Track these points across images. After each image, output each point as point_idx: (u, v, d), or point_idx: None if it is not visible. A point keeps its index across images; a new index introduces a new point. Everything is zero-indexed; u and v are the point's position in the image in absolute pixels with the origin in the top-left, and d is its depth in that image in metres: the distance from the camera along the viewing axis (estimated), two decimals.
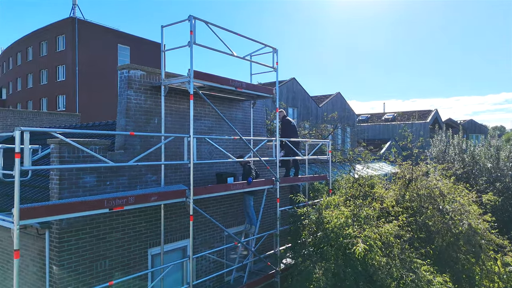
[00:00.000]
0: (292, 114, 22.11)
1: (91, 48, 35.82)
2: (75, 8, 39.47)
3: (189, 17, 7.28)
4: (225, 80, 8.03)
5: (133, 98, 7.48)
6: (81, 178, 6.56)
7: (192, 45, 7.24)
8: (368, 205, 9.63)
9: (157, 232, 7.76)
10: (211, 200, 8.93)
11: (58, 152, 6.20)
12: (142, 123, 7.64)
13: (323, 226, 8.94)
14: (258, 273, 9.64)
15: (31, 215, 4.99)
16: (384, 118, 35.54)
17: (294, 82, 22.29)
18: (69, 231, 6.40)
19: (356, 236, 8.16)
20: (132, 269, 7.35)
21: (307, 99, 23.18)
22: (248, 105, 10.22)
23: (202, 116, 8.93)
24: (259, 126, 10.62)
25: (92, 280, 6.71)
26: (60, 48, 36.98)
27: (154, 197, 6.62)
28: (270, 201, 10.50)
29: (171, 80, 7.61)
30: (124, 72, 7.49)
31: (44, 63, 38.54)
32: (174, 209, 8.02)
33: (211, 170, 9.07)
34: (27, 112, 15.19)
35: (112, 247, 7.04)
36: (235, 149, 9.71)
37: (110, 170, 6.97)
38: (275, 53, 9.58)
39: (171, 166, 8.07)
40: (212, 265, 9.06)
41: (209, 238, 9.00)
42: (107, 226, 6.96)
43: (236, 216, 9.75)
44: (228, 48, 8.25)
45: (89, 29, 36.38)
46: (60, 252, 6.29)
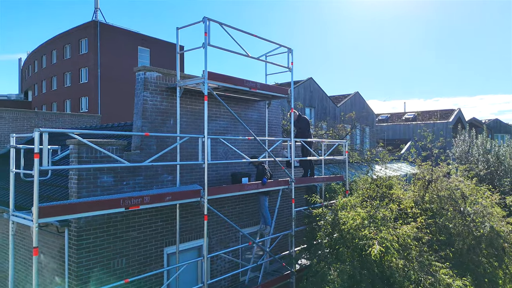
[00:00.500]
0: (309, 114, 21.98)
1: (112, 51, 36.63)
2: (97, 12, 40.46)
3: (203, 18, 7.35)
4: (239, 81, 8.07)
5: (149, 99, 7.61)
6: (99, 178, 6.72)
7: (206, 46, 7.31)
8: (385, 206, 9.48)
9: (173, 231, 7.87)
10: (226, 200, 8.99)
11: (77, 152, 6.38)
12: (158, 124, 7.76)
13: (339, 227, 8.86)
14: (273, 273, 9.63)
15: (50, 214, 5.15)
16: (405, 118, 34.86)
17: (311, 81, 22.15)
18: (87, 230, 6.56)
19: (372, 238, 8.05)
20: (148, 267, 7.48)
21: (325, 98, 23.00)
22: (263, 105, 10.23)
23: (217, 116, 9.00)
24: (274, 126, 10.61)
25: (110, 277, 6.87)
26: (83, 51, 37.96)
27: (169, 196, 6.71)
28: (285, 201, 10.47)
29: (186, 81, 7.70)
30: (140, 74, 7.64)
31: (67, 65, 39.65)
32: (189, 208, 8.11)
33: (227, 170, 9.12)
34: (51, 113, 15.67)
35: (129, 246, 7.18)
36: (250, 149, 9.73)
37: (127, 170, 7.11)
38: (290, 53, 9.55)
39: (187, 166, 8.16)
40: (227, 264, 9.12)
41: (224, 238, 9.05)
42: (124, 225, 7.11)
43: (252, 216, 9.78)
44: (243, 49, 8.28)
45: (110, 32, 37.22)
46: (79, 250, 6.46)
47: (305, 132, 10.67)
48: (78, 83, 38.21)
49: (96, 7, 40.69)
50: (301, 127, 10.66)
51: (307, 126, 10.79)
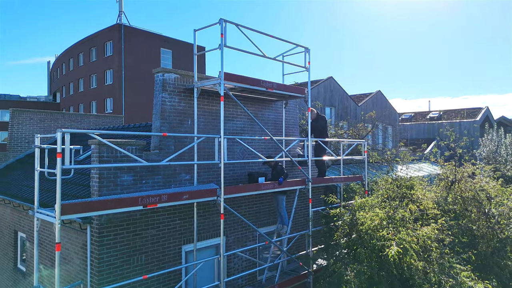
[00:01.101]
0: (329, 114, 21.82)
1: (135, 53, 37.49)
2: (121, 15, 41.49)
3: (219, 20, 7.46)
4: (255, 81, 8.13)
5: (167, 100, 7.79)
6: (119, 177, 6.94)
7: (223, 48, 7.42)
8: (404, 207, 9.33)
9: (190, 230, 8.02)
10: (244, 199, 9.08)
11: (98, 152, 6.61)
12: (176, 124, 7.93)
13: (357, 227, 8.79)
14: (290, 273, 9.66)
15: (71, 211, 5.37)
16: (429, 117, 34.02)
17: (332, 81, 21.97)
18: (108, 227, 6.79)
19: (389, 239, 7.95)
20: (167, 264, 7.65)
21: (345, 98, 22.76)
22: (280, 105, 10.26)
23: (234, 116, 9.10)
24: (292, 126, 10.62)
25: (129, 273, 7.07)
26: (108, 54, 39.03)
27: (186, 195, 6.86)
28: (303, 201, 10.46)
29: (203, 82, 7.84)
30: (159, 76, 7.82)
31: (93, 68, 40.86)
32: (207, 207, 8.24)
33: (244, 170, 9.21)
34: (76, 114, 16.23)
35: (148, 243, 7.38)
36: (267, 149, 9.79)
37: (146, 169, 7.30)
38: (307, 53, 9.54)
39: (204, 166, 8.30)
40: (245, 263, 9.20)
41: (241, 236, 9.14)
42: (143, 222, 7.30)
43: (269, 216, 9.83)
44: (259, 49, 8.35)
45: (133, 35, 38.10)
46: (100, 246, 6.68)
47: (323, 131, 10.60)
48: (103, 85, 39.31)
49: (121, 10, 41.72)
50: (319, 126, 10.58)
51: (325, 125, 10.72)
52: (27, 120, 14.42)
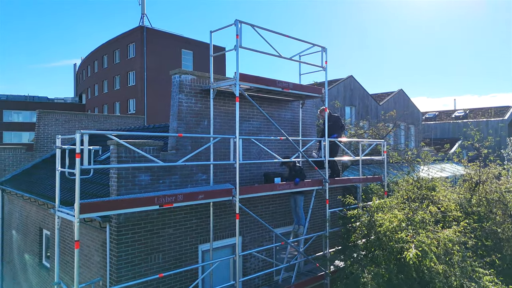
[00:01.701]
0: (349, 113, 21.55)
1: (157, 54, 38.15)
2: (143, 17, 42.30)
3: (235, 21, 7.50)
4: (271, 82, 8.14)
5: (184, 101, 7.90)
6: (137, 177, 7.09)
7: (238, 48, 7.45)
8: (424, 209, 9.12)
9: (207, 229, 8.10)
10: (260, 199, 9.10)
11: (116, 152, 6.78)
12: (192, 125, 8.03)
13: (375, 229, 8.66)
14: (307, 273, 9.60)
15: (89, 210, 5.53)
16: (454, 116, 33.03)
17: (352, 80, 21.69)
18: (126, 225, 6.94)
19: (408, 241, 7.79)
20: (184, 263, 7.76)
21: (366, 97, 22.41)
22: (297, 105, 10.21)
23: (251, 117, 9.12)
24: (309, 126, 10.55)
25: (147, 271, 7.21)
26: (130, 55, 39.88)
27: (201, 195, 6.94)
28: (320, 202, 10.38)
29: (219, 83, 7.90)
30: (176, 77, 7.94)
31: (117, 69, 41.85)
32: (223, 207, 8.31)
33: (260, 170, 9.23)
34: (99, 115, 16.68)
35: (165, 242, 7.50)
36: (284, 149, 9.77)
37: (163, 169, 7.43)
38: (324, 52, 9.46)
39: (221, 166, 8.36)
40: (261, 263, 9.21)
41: (257, 236, 9.16)
42: (160, 222, 7.43)
43: (285, 216, 9.81)
44: (275, 50, 8.34)
45: (155, 36, 38.76)
46: (118, 244, 6.85)
47: (336, 130, 10.34)
48: (126, 86, 40.19)
49: (143, 13, 42.54)
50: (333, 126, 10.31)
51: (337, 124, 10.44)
52: (53, 121, 14.92)
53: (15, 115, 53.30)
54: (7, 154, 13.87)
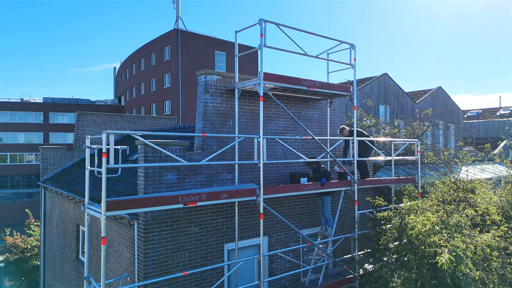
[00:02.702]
0: (383, 112, 20.91)
1: (191, 56, 38.93)
2: (178, 20, 43.30)
3: (259, 20, 7.48)
4: (296, 80, 8.04)
5: (209, 101, 7.97)
6: (163, 176, 7.24)
7: (262, 48, 7.42)
8: (460, 212, 8.65)
9: (233, 229, 8.13)
10: (286, 199, 9.01)
11: (143, 152, 6.96)
12: (218, 125, 8.09)
13: (406, 232, 8.32)
14: (335, 276, 9.41)
15: (115, 208, 5.71)
16: (499, 114, 31.16)
17: (386, 77, 21.03)
18: (153, 223, 7.11)
19: (441, 245, 7.41)
20: (209, 262, 7.83)
21: (401, 95, 21.65)
22: (324, 104, 10.02)
23: (277, 116, 9.06)
24: (337, 125, 10.32)
25: (173, 269, 7.35)
26: (166, 58, 40.96)
27: (225, 194, 6.97)
28: (349, 203, 10.13)
29: (244, 83, 7.90)
30: (201, 78, 8.03)
31: (153, 72, 43.13)
32: (248, 207, 8.30)
33: (286, 170, 9.14)
34: (133, 116, 17.23)
35: (191, 240, 7.61)
36: (310, 149, 9.62)
37: (189, 168, 7.54)
38: (353, 49, 9.23)
39: (246, 166, 8.37)
40: (288, 264, 9.12)
41: (284, 237, 9.08)
42: (186, 220, 7.55)
43: (313, 217, 9.65)
44: (301, 48, 8.23)
45: (190, 39, 39.56)
46: (146, 242, 7.03)
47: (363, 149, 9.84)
48: (162, 88, 41.32)
49: (178, 16, 43.56)
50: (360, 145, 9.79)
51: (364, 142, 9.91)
52: (91, 122, 15.60)
53: (60, 117, 56.36)
54: (48, 154, 14.66)
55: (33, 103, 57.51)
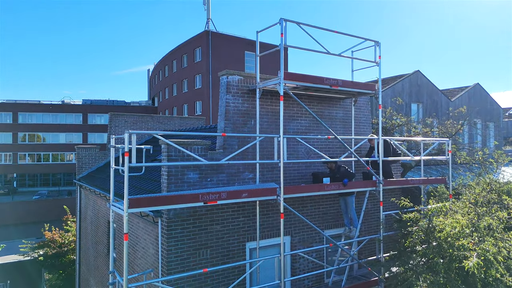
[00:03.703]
0: (416, 110, 20.24)
1: (222, 57, 39.42)
2: (209, 22, 43.97)
3: (280, 20, 7.48)
4: (318, 79, 7.96)
5: (231, 101, 8.07)
6: (186, 175, 7.41)
7: (282, 47, 7.42)
8: (492, 214, 8.24)
9: (254, 227, 8.18)
10: (309, 199, 8.95)
11: (166, 151, 7.15)
12: (239, 125, 8.17)
13: (434, 234, 8.04)
14: (360, 278, 9.24)
15: (137, 205, 5.92)
16: None
17: (419, 74, 20.33)
18: (176, 221, 7.29)
19: (470, 249, 7.10)
20: (231, 260, 7.92)
21: (435, 92, 20.85)
22: (349, 103, 9.86)
23: (299, 116, 9.01)
24: (363, 124, 10.12)
25: (196, 266, 7.49)
26: (197, 59, 41.74)
27: (245, 193, 7.03)
28: (376, 204, 9.90)
29: (265, 83, 7.93)
30: (223, 78, 8.14)
31: (185, 73, 44.07)
32: (270, 206, 8.32)
33: (309, 170, 9.08)
34: (163, 117, 17.72)
35: (213, 238, 7.73)
36: (334, 148, 9.49)
37: (211, 167, 7.67)
38: (377, 47, 9.02)
39: (268, 165, 8.39)
40: (311, 264, 9.06)
41: (307, 237, 9.02)
42: (208, 218, 7.68)
43: (337, 217, 9.52)
44: (323, 47, 8.15)
45: (220, 40, 40.09)
46: (169, 239, 7.22)
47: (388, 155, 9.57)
48: (193, 89, 42.13)
49: (208, 17, 44.22)
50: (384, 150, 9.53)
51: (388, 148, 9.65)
52: (122, 123, 16.18)
53: (97, 117, 58.84)
54: (84, 154, 15.35)
55: (73, 105, 60.42)
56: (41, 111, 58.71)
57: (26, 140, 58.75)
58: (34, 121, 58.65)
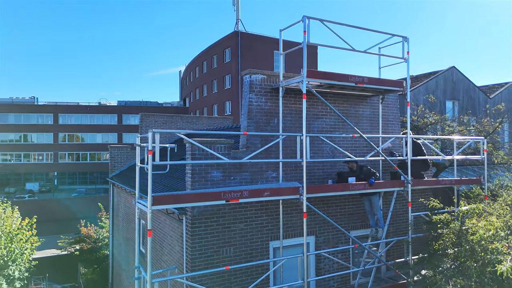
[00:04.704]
0: (451, 108, 19.43)
1: (251, 57, 39.59)
2: (238, 22, 44.29)
3: (302, 17, 7.41)
4: (342, 77, 7.82)
5: (254, 100, 8.08)
6: (209, 173, 7.50)
7: (305, 45, 7.35)
8: None
9: (278, 227, 8.15)
10: (335, 199, 8.81)
11: (191, 150, 7.27)
12: (262, 124, 8.16)
13: (466, 237, 7.69)
14: (387, 280, 8.99)
15: (160, 202, 6.06)
16: None
17: (454, 70, 19.49)
18: (200, 219, 7.40)
19: (504, 253, 6.73)
20: (254, 258, 7.93)
21: (472, 89, 19.92)
22: (376, 100, 9.61)
23: (323, 114, 8.89)
24: (391, 123, 9.83)
25: (219, 263, 7.57)
26: (226, 60, 42.16)
27: (267, 192, 7.02)
28: (404, 204, 9.59)
29: (288, 81, 7.88)
30: (246, 78, 8.17)
31: (215, 74, 44.63)
32: (294, 205, 8.26)
33: (334, 169, 8.93)
34: (192, 117, 18.04)
35: (236, 236, 7.78)
36: (361, 147, 9.28)
37: (234, 166, 7.72)
38: (406, 42, 8.74)
39: (291, 164, 8.33)
40: (337, 265, 8.91)
41: (332, 237, 8.88)
42: (232, 216, 7.73)
43: (364, 218, 9.31)
44: (348, 44, 8.00)
45: (249, 40, 40.28)
46: (193, 236, 7.34)
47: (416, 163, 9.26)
48: (223, 89, 42.59)
49: (238, 18, 44.55)
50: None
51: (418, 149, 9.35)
52: (153, 123, 16.62)
53: (131, 118, 60.77)
54: (116, 153, 15.90)
55: (109, 106, 62.74)
56: (80, 112, 61.45)
57: (66, 140, 61.68)
58: (73, 122, 61.47)
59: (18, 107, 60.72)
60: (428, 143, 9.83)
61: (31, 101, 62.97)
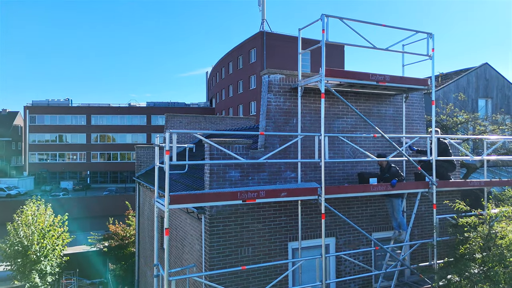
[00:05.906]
0: (484, 106, 18.63)
1: (276, 57, 39.51)
2: (263, 23, 44.30)
3: (321, 16, 7.31)
4: (363, 75, 7.65)
5: (272, 100, 8.05)
6: (227, 173, 7.54)
7: (324, 43, 7.24)
8: None
9: (297, 227, 8.08)
10: (356, 200, 8.63)
11: (209, 150, 7.34)
12: (281, 124, 8.12)
13: (494, 241, 7.34)
14: (411, 284, 8.71)
15: (178, 201, 6.14)
16: None
17: (487, 67, 18.68)
18: (218, 218, 7.44)
19: None
20: (273, 259, 7.90)
21: (507, 86, 19.01)
22: (400, 99, 9.33)
23: (344, 114, 8.73)
24: (416, 122, 9.52)
25: (238, 263, 7.58)
26: (252, 60, 42.27)
27: (285, 192, 6.97)
28: (430, 206, 9.27)
29: (307, 80, 7.80)
30: (265, 77, 8.15)
31: (240, 74, 44.86)
32: (313, 206, 8.17)
33: (355, 170, 8.75)
34: (215, 117, 18.19)
35: (254, 236, 7.77)
36: (384, 147, 9.05)
37: (252, 166, 7.71)
38: (430, 39, 8.44)
39: (310, 165, 8.24)
40: (357, 267, 8.73)
41: (353, 239, 8.71)
42: (250, 216, 7.73)
43: (386, 220, 9.07)
44: (368, 41, 7.82)
45: (274, 40, 40.20)
46: (211, 235, 7.39)
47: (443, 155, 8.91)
48: (248, 89, 42.72)
49: (263, 18, 44.56)
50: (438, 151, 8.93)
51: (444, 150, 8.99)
52: (177, 123, 16.90)
53: (160, 119, 62.11)
54: (142, 153, 16.29)
55: (138, 107, 64.39)
56: (111, 113, 63.44)
57: (98, 141, 63.86)
58: (104, 122, 63.55)
59: (54, 108, 63.46)
60: (456, 143, 9.46)
61: (65, 103, 65.64)
